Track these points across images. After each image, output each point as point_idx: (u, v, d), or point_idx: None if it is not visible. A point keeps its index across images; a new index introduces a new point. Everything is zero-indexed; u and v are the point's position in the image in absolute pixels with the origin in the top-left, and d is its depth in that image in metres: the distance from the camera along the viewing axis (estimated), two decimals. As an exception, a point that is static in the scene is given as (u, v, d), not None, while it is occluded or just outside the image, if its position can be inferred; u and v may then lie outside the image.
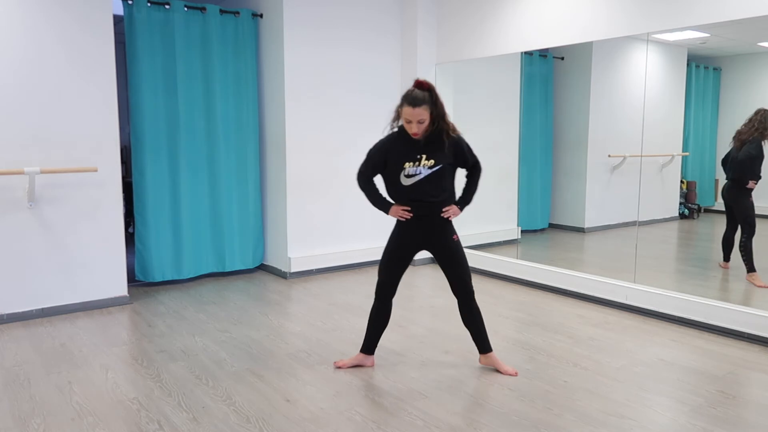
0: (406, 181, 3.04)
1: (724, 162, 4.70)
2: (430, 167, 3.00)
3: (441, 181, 3.04)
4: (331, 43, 5.43)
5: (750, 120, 4.48)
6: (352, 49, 5.55)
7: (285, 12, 5.12)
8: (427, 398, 2.95)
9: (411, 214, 3.08)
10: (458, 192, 3.23)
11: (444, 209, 3.08)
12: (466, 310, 3.24)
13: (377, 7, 5.66)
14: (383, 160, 3.09)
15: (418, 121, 2.93)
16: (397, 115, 3.05)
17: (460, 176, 3.23)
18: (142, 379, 3.19)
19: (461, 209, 3.16)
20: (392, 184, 3.10)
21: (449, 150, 3.04)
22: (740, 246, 4.49)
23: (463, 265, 3.17)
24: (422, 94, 2.93)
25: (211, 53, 5.10)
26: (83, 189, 4.34)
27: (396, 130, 3.11)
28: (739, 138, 4.52)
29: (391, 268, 3.21)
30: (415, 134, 2.97)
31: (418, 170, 3.01)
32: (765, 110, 4.42)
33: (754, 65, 4.80)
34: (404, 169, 3.02)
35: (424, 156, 3.01)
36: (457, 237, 3.18)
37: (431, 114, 2.95)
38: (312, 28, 5.29)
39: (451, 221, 3.16)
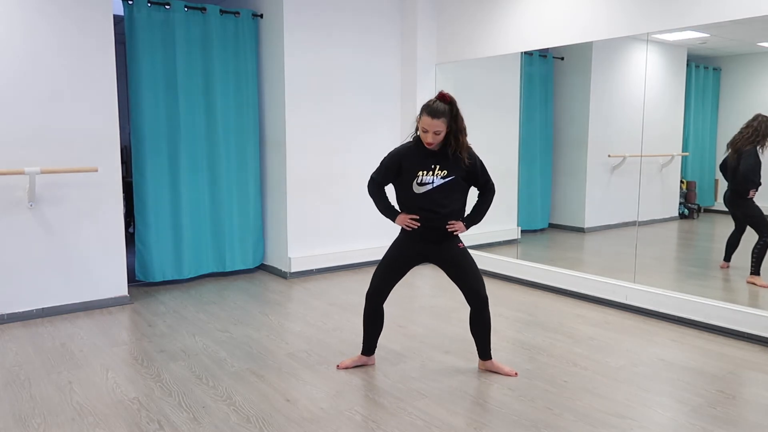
0: (418, 189, 3.04)
1: (723, 168, 4.68)
2: (443, 177, 3.02)
3: (452, 193, 3.05)
4: (331, 43, 5.43)
5: (747, 126, 4.44)
6: (351, 48, 5.55)
7: (285, 12, 5.12)
8: (427, 398, 2.95)
9: (418, 224, 3.08)
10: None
11: (450, 222, 3.08)
12: (476, 320, 3.21)
13: (377, 6, 5.66)
14: (398, 167, 3.09)
15: (434, 131, 2.95)
16: (418, 125, 3.07)
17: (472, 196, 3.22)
18: (142, 379, 3.19)
19: (467, 227, 3.15)
20: (404, 191, 3.10)
21: (463, 164, 3.04)
22: (755, 249, 4.44)
23: (471, 273, 3.15)
24: (443, 107, 2.94)
25: (212, 53, 5.10)
26: (83, 189, 4.34)
27: (412, 139, 3.12)
28: (734, 145, 4.50)
29: (388, 276, 3.20)
30: (429, 144, 2.99)
31: (431, 179, 3.02)
32: (763, 116, 4.39)
33: (754, 65, 4.80)
34: (417, 177, 3.03)
35: (438, 166, 3.02)
36: (463, 245, 3.17)
37: (448, 128, 2.97)
38: (312, 27, 5.29)
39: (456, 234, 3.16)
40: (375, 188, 3.20)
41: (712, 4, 3.76)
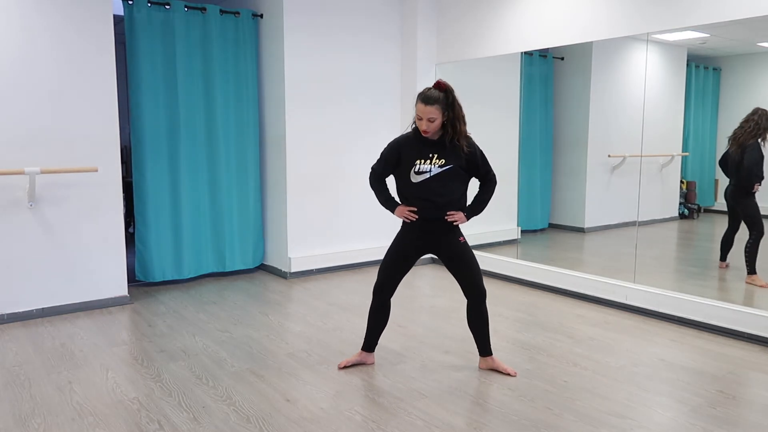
0: (415, 178, 3.05)
1: (723, 163, 4.68)
2: (441, 166, 3.02)
3: (450, 182, 3.04)
4: (331, 42, 5.43)
5: (747, 120, 4.43)
6: (352, 48, 5.55)
7: (285, 12, 5.12)
8: (427, 398, 2.95)
9: (417, 216, 3.08)
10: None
11: (449, 213, 3.08)
12: (474, 313, 3.22)
13: (377, 5, 5.66)
14: (397, 157, 3.10)
15: (428, 119, 2.96)
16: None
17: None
18: (142, 379, 3.19)
19: (468, 218, 3.14)
20: (402, 181, 3.11)
21: (462, 153, 3.04)
22: (746, 247, 4.45)
23: (471, 267, 3.15)
24: (437, 94, 2.96)
25: (211, 53, 5.10)
26: (83, 189, 4.34)
27: (412, 129, 3.14)
28: (737, 140, 4.49)
29: (393, 270, 3.20)
30: (425, 132, 3.00)
31: (429, 168, 3.02)
32: (762, 110, 4.40)
33: (754, 65, 4.80)
34: (415, 165, 3.04)
35: (436, 155, 3.03)
36: (464, 239, 3.17)
37: (443, 114, 2.97)
38: (312, 27, 5.29)
39: (457, 225, 3.16)
40: (375, 179, 3.20)
41: (712, 5, 3.76)
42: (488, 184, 3.18)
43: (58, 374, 3.26)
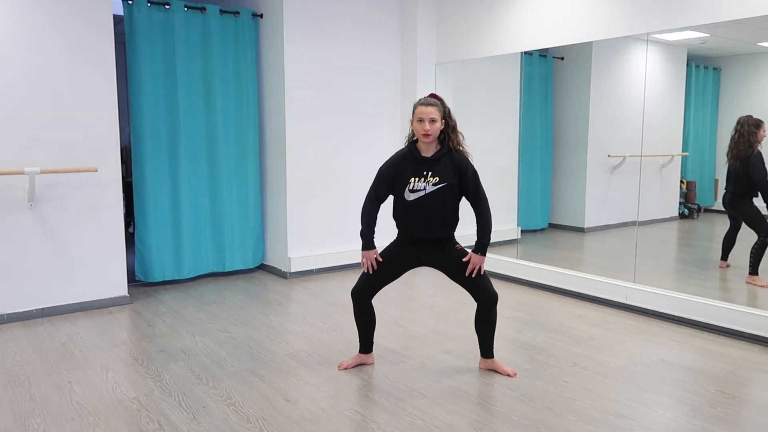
0: (409, 196, 3.04)
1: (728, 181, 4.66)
2: (435, 184, 3.02)
3: (443, 201, 3.03)
4: (331, 43, 5.43)
5: (737, 132, 4.45)
6: (351, 49, 5.55)
7: (285, 12, 5.12)
8: (427, 398, 2.95)
9: (374, 268, 3.12)
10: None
11: (468, 271, 3.07)
12: (483, 317, 3.20)
13: (377, 7, 5.67)
14: (393, 176, 3.10)
15: (430, 119, 2.98)
16: (412, 132, 3.12)
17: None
18: (142, 379, 3.19)
19: (483, 252, 3.09)
20: (397, 199, 3.11)
21: (454, 169, 3.04)
22: (754, 248, 4.43)
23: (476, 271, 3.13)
24: (434, 100, 3.05)
25: (212, 53, 5.10)
26: (83, 189, 4.34)
27: (406, 146, 3.14)
28: (736, 154, 4.47)
29: (377, 278, 3.17)
30: (427, 133, 2.99)
31: (423, 186, 3.02)
32: (744, 117, 4.41)
33: (754, 65, 4.80)
34: (410, 183, 3.04)
35: (430, 173, 3.03)
36: (460, 246, 3.15)
37: (442, 118, 3.02)
38: (312, 28, 5.29)
39: (451, 237, 3.13)
40: (368, 207, 3.15)
41: (712, 4, 3.76)
42: (480, 210, 3.09)
43: (58, 374, 3.26)
